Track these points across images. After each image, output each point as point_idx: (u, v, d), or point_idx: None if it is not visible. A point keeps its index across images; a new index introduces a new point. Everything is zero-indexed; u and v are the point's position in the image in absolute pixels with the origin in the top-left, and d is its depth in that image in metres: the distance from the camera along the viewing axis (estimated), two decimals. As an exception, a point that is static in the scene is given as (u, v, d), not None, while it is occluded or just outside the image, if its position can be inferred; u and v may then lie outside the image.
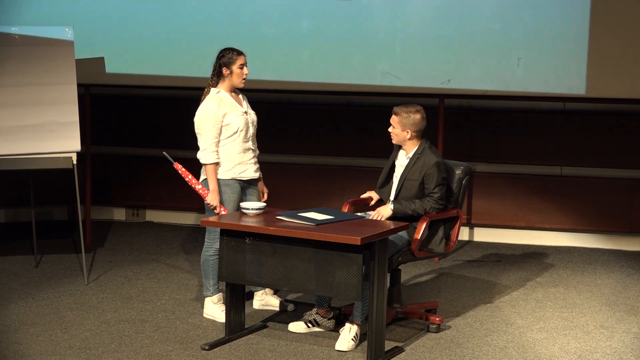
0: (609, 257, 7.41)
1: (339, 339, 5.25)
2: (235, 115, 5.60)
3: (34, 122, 6.53)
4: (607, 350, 5.27)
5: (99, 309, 5.86)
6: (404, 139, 5.53)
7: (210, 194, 5.60)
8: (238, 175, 5.65)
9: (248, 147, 5.68)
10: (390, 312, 5.58)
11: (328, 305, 5.49)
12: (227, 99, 5.63)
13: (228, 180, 5.63)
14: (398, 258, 5.41)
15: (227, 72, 5.62)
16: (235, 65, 5.62)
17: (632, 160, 7.62)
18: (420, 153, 5.50)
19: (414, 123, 5.48)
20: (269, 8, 7.60)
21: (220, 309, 5.64)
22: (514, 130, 7.81)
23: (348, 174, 8.02)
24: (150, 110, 8.44)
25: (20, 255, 7.14)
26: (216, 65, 5.66)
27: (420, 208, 5.40)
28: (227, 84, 5.65)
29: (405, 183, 5.50)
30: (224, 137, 5.60)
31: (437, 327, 5.51)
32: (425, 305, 5.82)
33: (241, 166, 5.65)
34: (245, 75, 5.66)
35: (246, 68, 5.66)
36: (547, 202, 7.79)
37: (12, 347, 5.17)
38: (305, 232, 4.98)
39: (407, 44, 7.45)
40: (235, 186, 5.64)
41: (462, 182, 5.69)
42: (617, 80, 7.18)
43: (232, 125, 5.59)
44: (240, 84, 5.66)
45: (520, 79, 7.30)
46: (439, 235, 5.53)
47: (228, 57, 5.63)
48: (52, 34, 6.71)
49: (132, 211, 8.57)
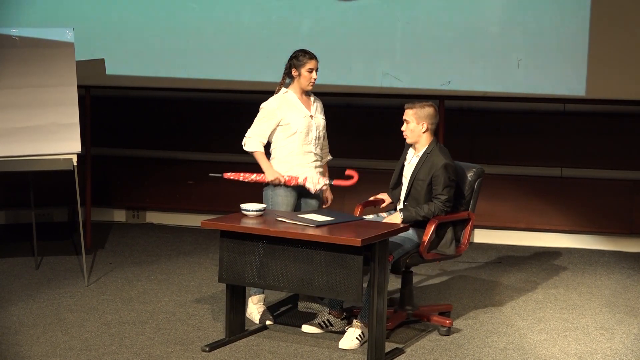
0: (609, 258, 7.41)
1: (344, 337, 5.25)
2: (297, 117, 5.61)
3: (34, 123, 6.53)
4: (608, 351, 5.27)
5: (100, 311, 5.86)
6: (419, 133, 5.49)
7: (267, 172, 5.58)
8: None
9: (309, 150, 5.66)
10: (401, 315, 5.58)
11: (340, 307, 5.48)
12: (293, 100, 5.65)
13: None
14: (406, 260, 5.40)
15: (295, 73, 5.64)
16: (305, 68, 5.62)
17: (632, 162, 7.63)
18: (430, 153, 5.47)
19: (429, 115, 5.46)
20: (269, 10, 7.60)
21: (257, 309, 5.62)
22: (514, 132, 7.81)
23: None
24: (151, 112, 8.44)
25: (21, 257, 7.14)
26: (287, 66, 5.68)
27: (429, 213, 5.37)
28: (296, 85, 5.67)
29: (415, 183, 5.47)
30: (283, 137, 5.61)
31: (447, 330, 5.49)
32: (438, 308, 5.78)
33: (299, 168, 5.62)
34: (313, 80, 5.64)
35: (315, 73, 5.65)
36: (548, 203, 7.79)
37: (12, 348, 5.17)
38: (306, 234, 4.98)
39: (408, 45, 7.44)
40: (290, 189, 5.61)
41: (474, 184, 5.65)
42: (617, 81, 7.18)
43: (292, 126, 5.59)
44: (308, 86, 5.66)
45: (521, 80, 7.29)
46: (448, 238, 5.49)
47: (299, 59, 5.63)
48: (52, 35, 6.71)
49: (133, 213, 8.57)
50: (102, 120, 8.22)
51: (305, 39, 7.47)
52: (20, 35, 6.66)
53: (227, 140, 7.89)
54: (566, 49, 7.21)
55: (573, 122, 7.72)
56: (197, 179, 8.28)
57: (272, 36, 7.51)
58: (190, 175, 8.31)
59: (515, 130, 7.80)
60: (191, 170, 8.32)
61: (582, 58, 7.18)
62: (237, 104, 8.04)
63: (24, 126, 6.51)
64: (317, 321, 5.49)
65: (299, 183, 5.56)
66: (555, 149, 7.76)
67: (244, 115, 5.95)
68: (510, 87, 7.32)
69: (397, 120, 7.98)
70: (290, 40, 7.08)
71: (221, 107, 8.23)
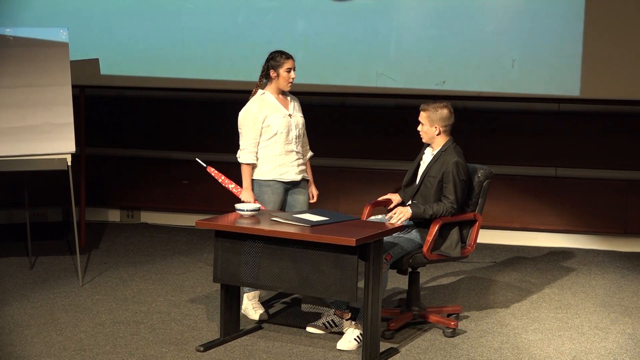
0: (604, 258, 7.42)
1: (342, 338, 5.25)
2: (276, 118, 5.66)
3: (28, 123, 6.52)
4: (602, 351, 5.27)
5: (94, 311, 5.85)
6: (433, 135, 5.48)
7: (244, 191, 5.68)
8: (279, 176, 5.69)
9: (290, 149, 5.72)
10: (407, 315, 5.57)
11: (346, 307, 5.47)
12: (271, 101, 5.69)
13: (269, 181, 5.68)
14: (408, 260, 5.39)
15: (274, 74, 5.68)
16: (283, 68, 5.66)
17: (626, 162, 7.64)
18: (444, 151, 5.46)
19: (442, 118, 5.45)
20: (264, 9, 7.60)
21: (252, 305, 5.69)
22: (508, 132, 7.82)
23: (343, 176, 8.03)
24: (145, 112, 8.44)
25: (15, 257, 7.13)
26: (265, 67, 5.72)
27: (437, 212, 5.36)
28: (274, 86, 5.71)
29: (426, 180, 5.47)
30: (264, 138, 5.67)
31: (452, 332, 5.48)
32: (446, 309, 5.77)
33: (282, 168, 5.69)
34: (291, 79, 5.70)
35: (293, 72, 5.70)
36: (542, 203, 7.80)
37: (6, 349, 5.17)
38: (301, 234, 4.98)
39: (402, 45, 7.45)
40: (276, 187, 5.68)
41: (482, 185, 5.63)
42: (612, 81, 7.19)
43: (272, 127, 5.65)
44: (287, 87, 5.71)
45: (515, 80, 7.30)
46: (453, 239, 5.46)
47: (276, 60, 5.67)
48: (46, 35, 6.70)
49: (127, 212, 8.56)
50: (96, 120, 8.22)
51: (300, 39, 7.48)
52: (14, 35, 6.65)
53: (221, 140, 7.91)
54: (560, 49, 7.22)
55: (567, 122, 7.73)
56: (191, 179, 8.27)
57: (266, 36, 7.51)
58: (185, 175, 8.31)
59: (509, 130, 7.81)
60: (185, 170, 8.31)
61: (576, 58, 7.19)
62: (232, 103, 7.99)
63: (18, 126, 6.50)
64: (321, 322, 5.48)
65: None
66: (549, 149, 7.77)
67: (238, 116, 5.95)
68: (505, 87, 7.33)
69: (392, 120, 8.02)
70: (285, 41, 7.09)
71: (215, 107, 8.23)
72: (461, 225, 5.54)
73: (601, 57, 7.17)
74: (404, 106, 7.88)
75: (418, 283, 5.65)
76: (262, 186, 5.69)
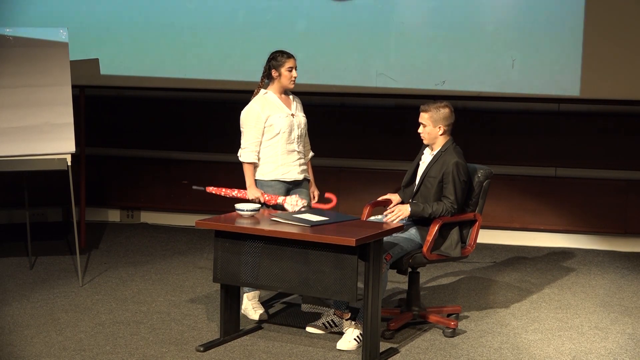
0: (604, 258, 7.42)
1: (342, 338, 5.25)
2: (279, 117, 5.66)
3: (28, 123, 6.52)
4: (602, 351, 5.27)
5: (94, 311, 5.85)
6: (436, 135, 5.47)
7: (249, 190, 5.66)
8: (281, 176, 5.69)
9: (292, 148, 5.72)
10: (407, 315, 5.57)
11: (346, 306, 5.47)
12: (274, 101, 5.69)
13: (270, 181, 5.68)
14: (408, 260, 5.39)
15: (275, 74, 5.68)
16: (284, 67, 5.66)
17: (626, 162, 7.64)
18: (444, 151, 5.46)
19: (444, 117, 5.45)
20: (263, 9, 7.60)
21: (252, 305, 5.70)
22: (508, 132, 7.82)
23: (342, 176, 8.03)
24: (145, 112, 8.44)
25: (15, 257, 7.13)
26: (266, 67, 5.72)
27: (436, 211, 5.36)
28: (276, 85, 5.71)
29: (426, 180, 5.46)
30: (267, 138, 5.67)
31: (452, 332, 5.48)
32: (446, 310, 5.77)
33: (284, 167, 5.69)
34: (294, 78, 5.70)
35: (295, 71, 5.70)
36: (542, 203, 7.80)
37: (6, 349, 5.17)
38: (301, 234, 4.98)
39: (402, 45, 7.45)
40: (278, 187, 5.68)
41: (482, 185, 5.63)
42: (612, 81, 7.19)
43: (275, 127, 5.65)
44: (290, 85, 5.71)
45: (515, 80, 7.31)
46: (453, 239, 5.46)
47: (277, 60, 5.67)
48: (46, 35, 6.70)
49: (127, 212, 8.56)
50: (96, 120, 8.22)
51: (300, 38, 7.48)
52: (14, 35, 6.64)
53: (222, 140, 7.91)
54: (561, 49, 7.22)
55: (567, 121, 7.73)
56: (191, 179, 8.26)
57: (267, 36, 7.51)
58: (185, 175, 8.30)
59: (509, 130, 7.81)
60: (185, 170, 8.31)
61: (576, 58, 7.20)
62: (232, 104, 8.00)
63: (18, 126, 6.50)
64: (321, 322, 5.48)
65: (278, 203, 5.61)
66: (549, 149, 7.77)
67: (239, 116, 5.94)
68: (505, 87, 7.33)
69: (392, 120, 8.02)
70: (285, 40, 7.08)
71: (216, 107, 8.23)
72: (461, 225, 5.54)
73: (601, 57, 7.17)
74: (403, 106, 7.88)
75: (418, 283, 5.65)
76: (264, 186, 5.68)
